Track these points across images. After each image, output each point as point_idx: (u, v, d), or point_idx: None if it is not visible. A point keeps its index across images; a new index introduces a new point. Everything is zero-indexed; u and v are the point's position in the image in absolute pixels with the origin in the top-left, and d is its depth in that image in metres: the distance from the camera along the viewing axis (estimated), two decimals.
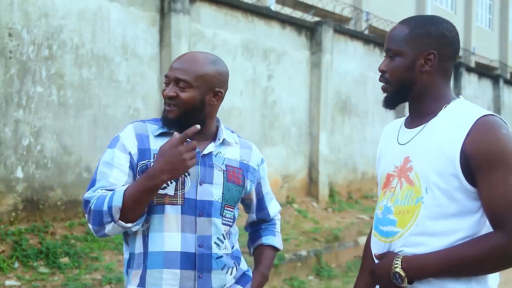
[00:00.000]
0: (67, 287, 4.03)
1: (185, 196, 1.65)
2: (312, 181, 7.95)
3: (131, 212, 1.56)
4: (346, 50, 8.69)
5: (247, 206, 1.95)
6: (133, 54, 5.71)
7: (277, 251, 1.96)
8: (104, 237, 1.65)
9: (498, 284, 1.50)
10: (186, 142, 1.57)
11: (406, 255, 1.46)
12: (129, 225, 1.58)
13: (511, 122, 1.52)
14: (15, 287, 3.99)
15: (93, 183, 1.66)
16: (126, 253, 1.73)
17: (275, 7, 10.38)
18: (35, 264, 4.34)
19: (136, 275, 1.67)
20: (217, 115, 1.79)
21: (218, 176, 1.71)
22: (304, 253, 5.62)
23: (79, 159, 5.24)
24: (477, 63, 18.12)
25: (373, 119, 9.24)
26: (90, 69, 5.32)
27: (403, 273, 1.43)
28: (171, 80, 1.67)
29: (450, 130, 1.45)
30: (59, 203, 5.09)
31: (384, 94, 1.61)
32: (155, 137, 1.70)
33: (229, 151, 1.78)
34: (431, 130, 1.50)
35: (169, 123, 1.68)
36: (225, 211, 1.72)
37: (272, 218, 1.99)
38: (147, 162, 1.65)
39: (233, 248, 1.78)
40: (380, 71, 1.59)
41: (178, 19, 5.93)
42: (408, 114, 1.64)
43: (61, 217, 5.08)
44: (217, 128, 1.78)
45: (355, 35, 9.01)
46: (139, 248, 1.67)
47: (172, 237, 1.64)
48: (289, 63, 7.63)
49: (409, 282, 1.45)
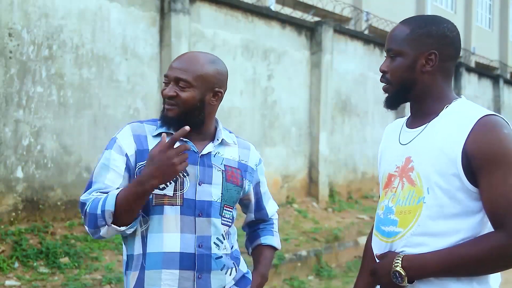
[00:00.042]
0: (67, 287, 4.03)
1: (184, 197, 1.64)
2: (312, 181, 7.95)
3: (123, 217, 1.55)
4: (346, 50, 8.69)
5: (245, 206, 1.95)
6: (133, 54, 5.71)
7: (275, 250, 1.96)
8: (101, 239, 1.64)
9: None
10: (182, 142, 1.57)
11: (406, 254, 1.46)
12: (122, 229, 1.58)
13: (511, 122, 1.52)
14: (15, 287, 3.98)
15: (89, 185, 1.66)
16: (125, 255, 1.73)
17: (275, 7, 10.38)
18: (35, 264, 4.33)
19: (134, 276, 1.67)
20: (216, 115, 1.79)
21: (217, 176, 1.70)
22: (304, 253, 5.62)
23: (79, 159, 5.24)
24: (477, 63, 18.12)
25: (373, 119, 9.23)
26: (90, 69, 5.32)
27: (403, 271, 1.43)
28: (171, 79, 1.66)
29: (451, 130, 1.44)
30: (59, 203, 5.09)
31: (385, 95, 1.60)
32: (154, 137, 1.70)
33: (227, 151, 1.77)
34: (433, 130, 1.50)
35: (168, 121, 1.67)
36: (224, 211, 1.72)
37: (270, 218, 1.99)
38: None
39: (232, 248, 1.78)
40: (381, 71, 1.59)
41: (178, 19, 5.93)
42: (410, 114, 1.64)
43: (61, 217, 5.07)
44: (216, 129, 1.78)
45: (355, 35, 9.01)
46: (137, 250, 1.66)
47: (171, 238, 1.63)
48: (289, 63, 7.63)
49: (410, 281, 1.44)
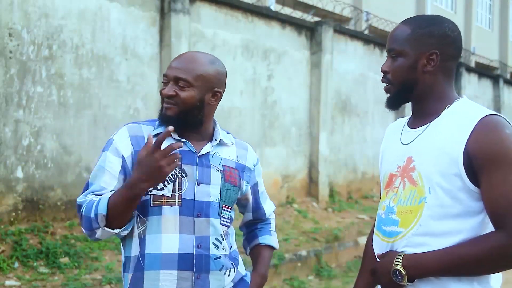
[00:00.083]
0: (67, 287, 4.02)
1: (182, 197, 1.64)
2: (312, 181, 7.95)
3: (116, 220, 1.56)
4: (346, 50, 8.68)
5: (242, 206, 1.94)
6: (133, 54, 5.71)
7: (274, 250, 1.96)
8: (97, 240, 1.65)
9: None
10: (175, 141, 1.56)
11: (407, 254, 1.45)
12: (116, 231, 1.58)
13: (511, 122, 1.52)
14: (15, 287, 3.98)
15: (86, 186, 1.66)
16: (123, 257, 1.73)
17: (275, 7, 10.38)
18: (35, 264, 4.33)
19: (132, 277, 1.67)
20: (216, 115, 1.79)
21: (215, 177, 1.70)
22: (304, 253, 5.61)
23: (79, 159, 5.24)
24: (477, 63, 18.12)
25: (373, 119, 9.23)
26: (90, 69, 5.32)
27: (403, 270, 1.43)
28: (170, 79, 1.65)
29: (453, 130, 1.44)
30: (59, 203, 5.08)
31: (386, 95, 1.60)
32: (152, 137, 1.69)
33: (225, 152, 1.77)
34: (435, 130, 1.49)
35: (167, 121, 1.65)
36: (223, 211, 1.72)
37: (268, 218, 1.99)
38: None
39: (231, 249, 1.78)
40: (383, 71, 1.58)
41: (178, 19, 5.93)
42: (411, 114, 1.64)
43: (61, 217, 5.07)
44: (214, 129, 1.77)
45: (355, 35, 9.01)
46: (135, 251, 1.66)
47: (170, 238, 1.63)
48: (289, 63, 7.63)
49: (410, 280, 1.44)
